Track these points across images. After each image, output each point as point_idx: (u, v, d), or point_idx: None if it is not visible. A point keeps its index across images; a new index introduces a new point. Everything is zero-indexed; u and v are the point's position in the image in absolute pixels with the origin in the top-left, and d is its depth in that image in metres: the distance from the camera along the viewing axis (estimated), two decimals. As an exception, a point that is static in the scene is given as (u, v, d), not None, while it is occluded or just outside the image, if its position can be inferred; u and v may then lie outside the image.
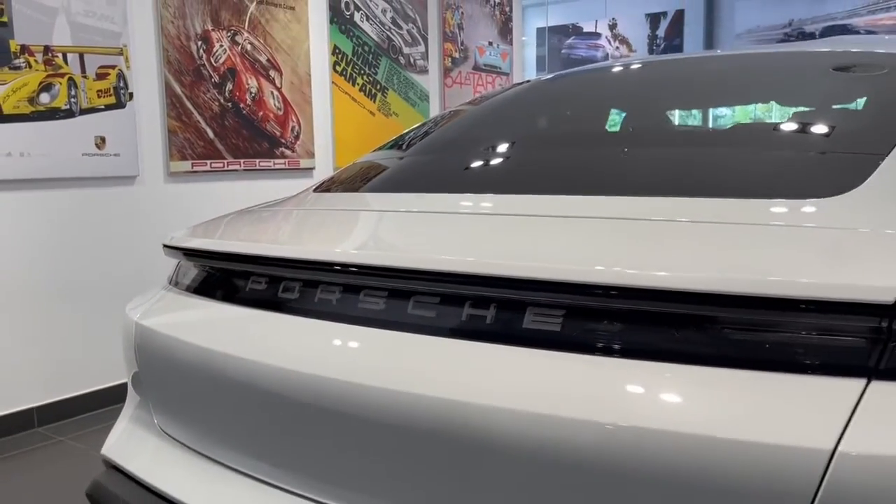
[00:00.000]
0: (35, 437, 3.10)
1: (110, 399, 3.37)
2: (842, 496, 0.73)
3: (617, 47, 23.17)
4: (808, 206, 1.00)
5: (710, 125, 1.99)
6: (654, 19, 22.25)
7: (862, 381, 0.77)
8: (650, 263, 0.92)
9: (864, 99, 1.43)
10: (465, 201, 1.30)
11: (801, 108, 1.64)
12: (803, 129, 1.38)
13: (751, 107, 1.67)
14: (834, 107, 1.51)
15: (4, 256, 3.07)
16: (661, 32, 22.45)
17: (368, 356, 1.03)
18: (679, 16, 21.75)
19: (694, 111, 2.19)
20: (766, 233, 0.97)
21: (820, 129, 1.35)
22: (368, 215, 1.39)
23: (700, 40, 21.12)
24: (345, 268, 1.09)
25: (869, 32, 18.88)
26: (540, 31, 25.27)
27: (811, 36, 20.19)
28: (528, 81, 2.10)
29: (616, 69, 1.99)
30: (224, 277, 1.32)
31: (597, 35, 23.49)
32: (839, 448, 0.74)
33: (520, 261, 0.97)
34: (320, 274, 1.13)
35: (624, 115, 1.72)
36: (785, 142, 1.33)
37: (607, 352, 0.89)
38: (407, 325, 1.01)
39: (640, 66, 1.90)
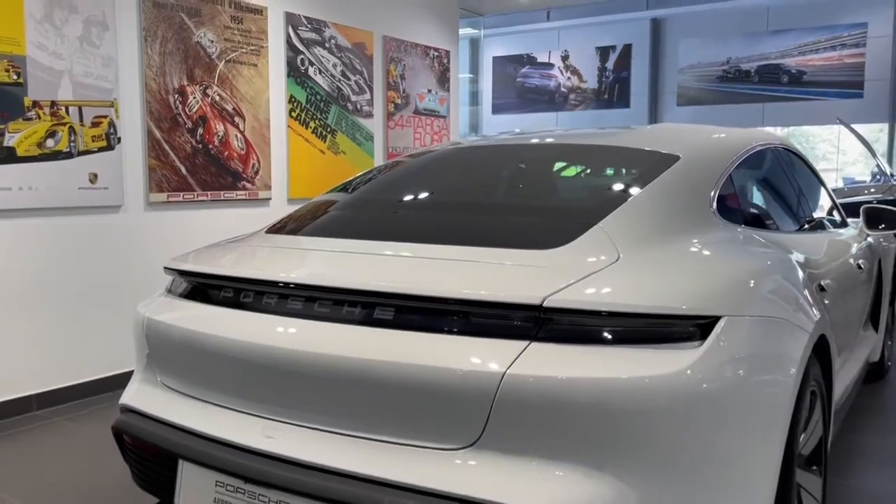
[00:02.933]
0: (34, 419, 3.79)
1: (100, 388, 4.09)
2: (507, 392, 1.53)
3: (569, 77, 24.22)
4: (535, 253, 1.81)
5: (495, 198, 2.60)
6: (603, 52, 23.44)
7: (526, 342, 1.58)
8: (431, 281, 1.72)
9: (586, 185, 2.29)
10: (346, 244, 2.10)
11: (545, 190, 2.49)
12: (545, 205, 2.22)
13: (518, 186, 2.54)
14: (566, 190, 2.39)
15: (13, 268, 3.78)
16: (610, 65, 23.64)
17: (290, 332, 1.81)
18: (627, 50, 22.97)
19: (486, 188, 2.91)
20: (503, 265, 1.78)
21: (557, 205, 2.19)
22: (295, 251, 2.18)
23: (646, 73, 22.33)
24: (277, 283, 1.87)
25: (800, 72, 20.15)
26: (496, 59, 26.11)
27: (747, 73, 21.40)
28: (411, 157, 2.94)
29: (454, 153, 2.88)
30: (202, 288, 2.09)
31: (550, 66, 24.55)
32: (508, 371, 1.54)
33: (366, 281, 1.77)
34: (263, 286, 1.91)
35: (448, 186, 2.63)
36: (536, 213, 2.17)
37: (410, 328, 1.67)
38: (311, 315, 1.80)
39: (473, 149, 2.82)
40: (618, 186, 2.26)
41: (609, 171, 2.48)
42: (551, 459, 1.53)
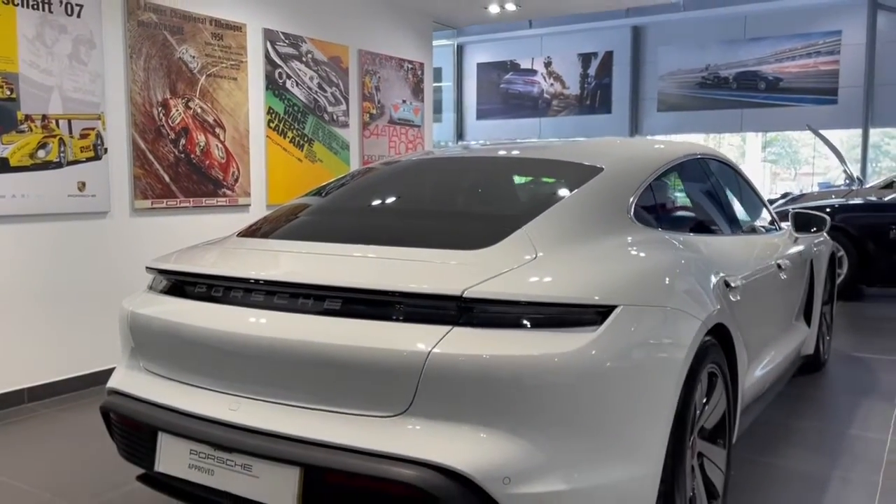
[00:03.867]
0: (25, 411, 4.07)
1: (88, 383, 4.38)
2: (432, 368, 1.83)
3: (552, 84, 24.58)
4: (466, 253, 2.12)
5: (437, 205, 2.90)
6: (585, 59, 23.84)
7: (449, 327, 1.89)
8: (372, 276, 2.03)
9: (518, 194, 2.61)
10: (304, 245, 2.40)
11: (482, 199, 2.81)
12: (481, 212, 2.54)
13: (458, 195, 2.86)
14: (500, 198, 2.71)
15: (5, 271, 4.06)
16: (592, 71, 24.04)
17: (253, 321, 2.11)
18: (608, 57, 23.38)
19: (429, 197, 3.10)
20: (435, 263, 2.09)
21: (490, 211, 2.51)
22: (260, 252, 2.49)
23: (627, 80, 22.71)
24: (243, 280, 2.18)
25: (776, 79, 20.56)
26: (481, 65, 26.40)
27: (725, 80, 21.81)
28: (372, 168, 3.26)
29: (406, 166, 3.21)
30: (180, 285, 2.39)
31: (533, 72, 24.92)
32: (433, 350, 1.84)
33: (318, 276, 2.08)
34: (231, 282, 2.21)
35: (394, 195, 2.97)
36: (472, 219, 2.49)
37: (345, 314, 1.98)
38: (271, 307, 2.10)
39: (424, 162, 3.18)
40: (545, 195, 2.58)
41: (540, 182, 2.80)
42: (473, 424, 1.84)
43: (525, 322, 1.91)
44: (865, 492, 2.93)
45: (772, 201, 11.59)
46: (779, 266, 3.49)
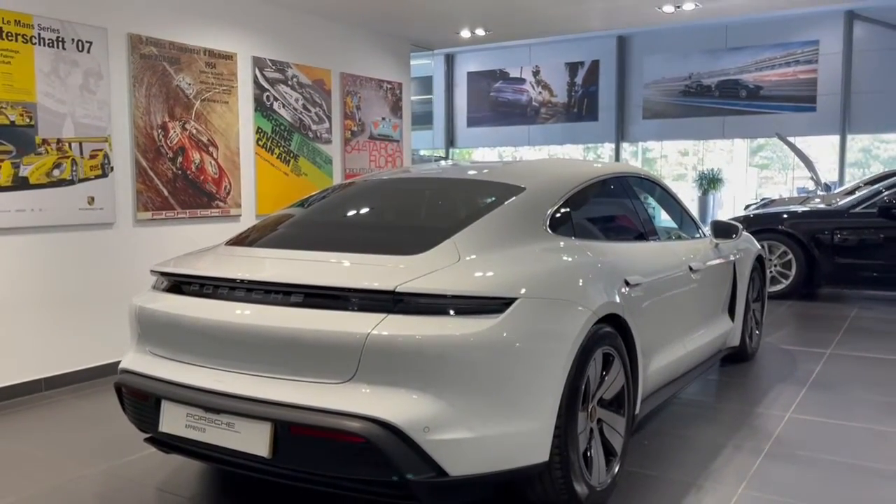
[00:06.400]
0: (43, 398, 4.64)
1: (98, 374, 4.96)
2: (370, 345, 2.42)
3: (540, 92, 25.15)
4: (403, 259, 2.70)
5: (386, 219, 3.59)
6: (572, 68, 24.45)
7: (385, 314, 2.47)
8: (325, 276, 2.62)
9: (452, 210, 3.21)
10: (276, 252, 3.00)
11: (424, 214, 3.40)
12: (420, 225, 3.14)
13: (405, 210, 3.45)
14: (437, 214, 3.30)
15: (25, 276, 4.64)
16: (579, 80, 24.64)
17: (235, 312, 2.68)
18: (595, 66, 24.00)
19: (381, 212, 3.75)
20: (377, 266, 2.67)
21: (428, 225, 3.11)
22: (242, 258, 3.08)
23: (613, 88, 23.31)
24: (228, 280, 2.77)
25: (757, 87, 21.14)
26: (471, 74, 26.93)
27: (708, 88, 22.40)
28: (338, 186, 3.87)
29: (364, 187, 3.83)
30: (178, 284, 2.97)
31: (521, 80, 25.52)
32: (371, 332, 2.43)
33: (284, 277, 2.68)
34: (219, 282, 2.80)
35: (352, 209, 3.59)
36: (412, 231, 3.08)
37: (307, 306, 2.57)
38: (249, 300, 2.68)
39: (379, 182, 3.83)
40: (473, 211, 3.17)
41: (471, 200, 3.39)
42: (403, 388, 2.42)
43: (446, 311, 2.50)
44: (751, 456, 3.51)
45: (750, 205, 12.13)
46: (691, 268, 4.08)
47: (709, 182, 20.39)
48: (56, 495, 3.16)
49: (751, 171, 22.90)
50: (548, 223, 3.16)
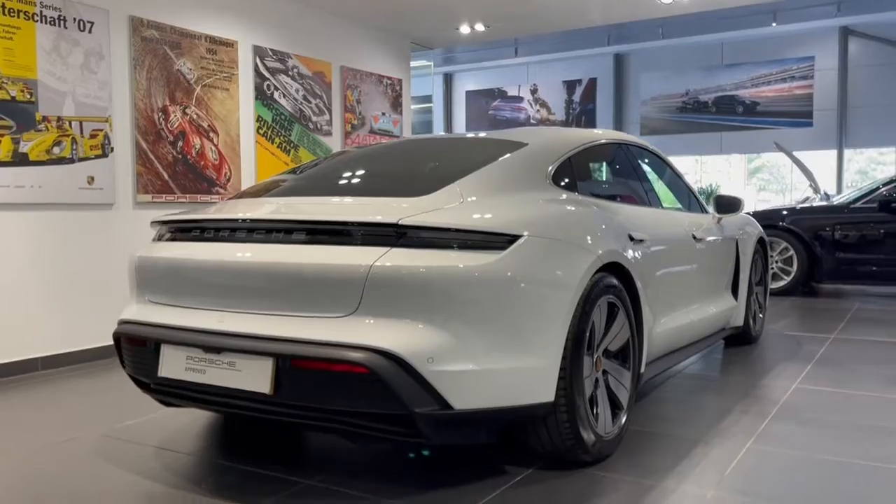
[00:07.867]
0: (40, 376, 4.58)
1: (94, 355, 4.90)
2: (373, 277, 2.38)
3: (538, 110, 25.27)
4: (406, 199, 2.68)
5: (396, 170, 3.49)
6: (570, 86, 24.61)
7: (388, 248, 2.44)
8: (330, 212, 2.60)
9: (457, 161, 3.19)
10: (280, 199, 2.98)
11: (431, 165, 3.37)
12: (428, 173, 3.11)
13: (414, 163, 3.43)
14: (444, 164, 3.27)
15: (23, 253, 4.61)
16: (576, 97, 24.78)
17: (238, 253, 2.66)
18: (592, 83, 24.14)
19: (395, 162, 3.73)
20: (384, 205, 2.65)
21: (434, 173, 3.08)
22: (243, 203, 3.05)
23: (611, 105, 23.42)
24: (230, 220, 2.74)
25: (753, 103, 21.23)
26: (469, 93, 27.07)
27: (705, 104, 22.50)
28: (343, 151, 3.85)
29: (375, 147, 3.85)
30: (177, 232, 2.95)
31: (519, 99, 25.66)
32: (374, 264, 2.40)
33: (286, 214, 2.65)
34: (220, 223, 2.77)
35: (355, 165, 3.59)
36: (419, 178, 3.05)
37: (310, 243, 2.54)
38: (250, 239, 2.65)
39: (389, 144, 3.80)
40: (477, 161, 3.15)
41: (476, 153, 3.36)
42: (405, 320, 2.38)
43: (450, 245, 2.47)
44: (758, 418, 3.46)
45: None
46: (695, 237, 4.05)
47: (707, 199, 20.47)
48: (50, 454, 3.10)
49: (748, 189, 22.91)
50: (551, 177, 3.14)
